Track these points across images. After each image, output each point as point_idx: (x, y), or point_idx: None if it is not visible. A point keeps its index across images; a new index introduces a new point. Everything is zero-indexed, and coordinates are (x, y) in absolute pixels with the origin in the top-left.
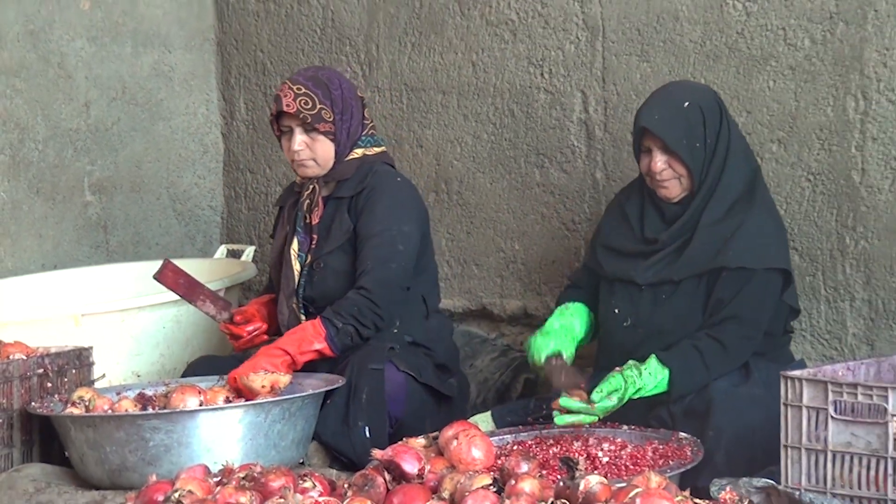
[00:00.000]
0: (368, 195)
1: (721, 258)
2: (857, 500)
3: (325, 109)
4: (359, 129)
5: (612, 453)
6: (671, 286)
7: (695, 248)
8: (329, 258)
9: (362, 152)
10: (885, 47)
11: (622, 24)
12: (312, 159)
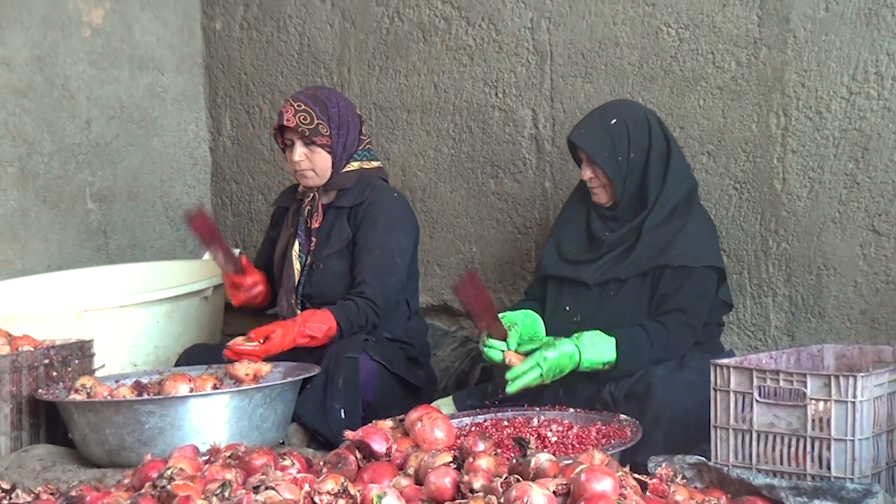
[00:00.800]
0: (368, 208)
1: (664, 257)
2: (780, 474)
3: (323, 124)
4: (355, 143)
5: (560, 433)
6: (618, 284)
7: (640, 250)
8: (328, 261)
9: (359, 165)
10: (803, 69)
11: (568, 50)
12: (312, 170)
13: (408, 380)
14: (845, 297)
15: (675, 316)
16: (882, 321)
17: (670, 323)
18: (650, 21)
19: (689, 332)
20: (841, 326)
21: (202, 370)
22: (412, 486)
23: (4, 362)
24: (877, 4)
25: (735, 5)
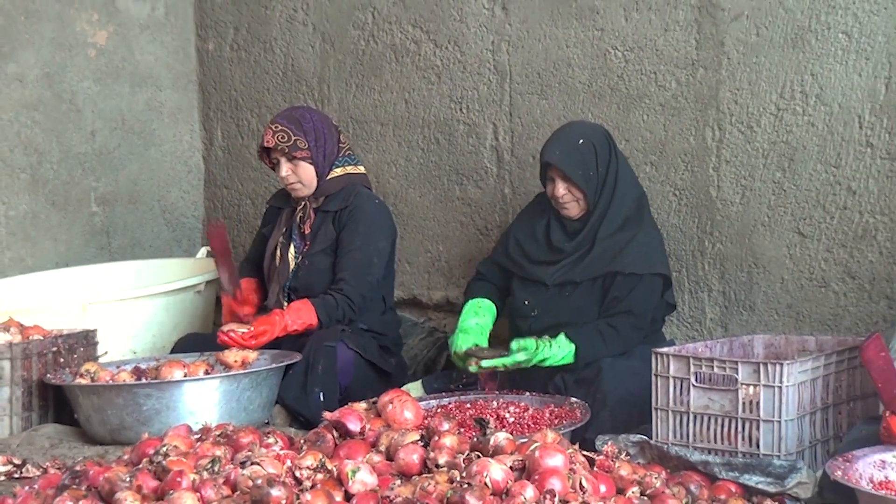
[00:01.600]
0: (351, 213)
1: (615, 264)
2: (713, 452)
3: (300, 139)
4: (335, 151)
5: (517, 415)
6: (573, 286)
7: (594, 256)
8: (313, 258)
9: (343, 170)
10: (736, 88)
11: (525, 70)
12: (299, 182)
13: (381, 366)
14: (773, 292)
15: (625, 318)
16: (806, 314)
17: (620, 325)
18: (599, 44)
19: (637, 333)
20: (769, 319)
21: (195, 357)
22: (383, 462)
23: (16, 350)
24: (802, 30)
25: (675, 30)
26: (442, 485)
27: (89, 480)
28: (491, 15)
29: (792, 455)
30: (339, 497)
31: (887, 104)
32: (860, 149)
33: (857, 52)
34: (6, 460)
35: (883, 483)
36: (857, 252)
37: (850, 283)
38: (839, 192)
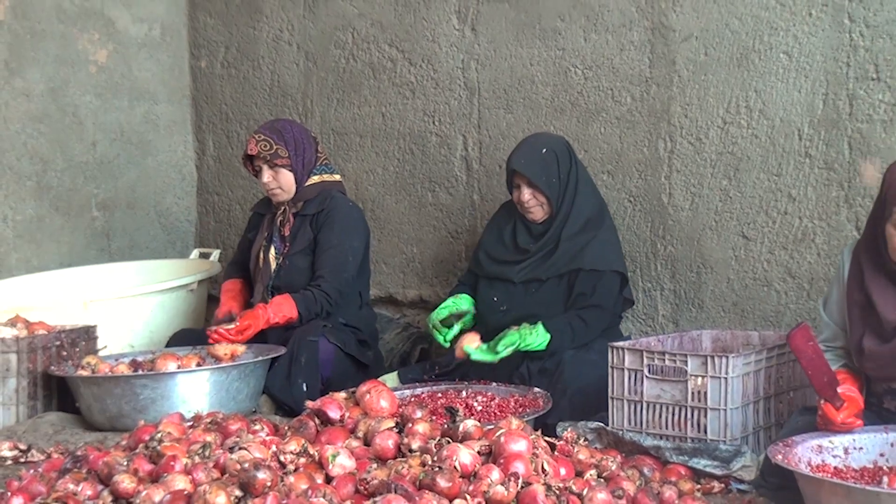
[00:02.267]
0: (327, 216)
1: (578, 262)
2: (665, 437)
3: (281, 148)
4: (313, 160)
5: (485, 403)
6: (538, 283)
7: (558, 256)
8: (293, 258)
9: (320, 178)
10: (686, 104)
11: (493, 86)
12: (279, 187)
13: (359, 359)
14: (720, 291)
15: (594, 311)
16: (750, 311)
17: (590, 318)
18: (560, 63)
19: (602, 323)
20: (716, 315)
21: (188, 350)
22: (361, 447)
23: (22, 344)
24: (747, 50)
25: (630, 50)
26: (415, 468)
27: (89, 464)
28: (461, 35)
29: (737, 441)
30: (320, 479)
31: (824, 118)
32: (800, 159)
33: (797, 70)
34: (13, 445)
35: (820, 466)
36: (797, 254)
37: (791, 282)
38: (780, 199)
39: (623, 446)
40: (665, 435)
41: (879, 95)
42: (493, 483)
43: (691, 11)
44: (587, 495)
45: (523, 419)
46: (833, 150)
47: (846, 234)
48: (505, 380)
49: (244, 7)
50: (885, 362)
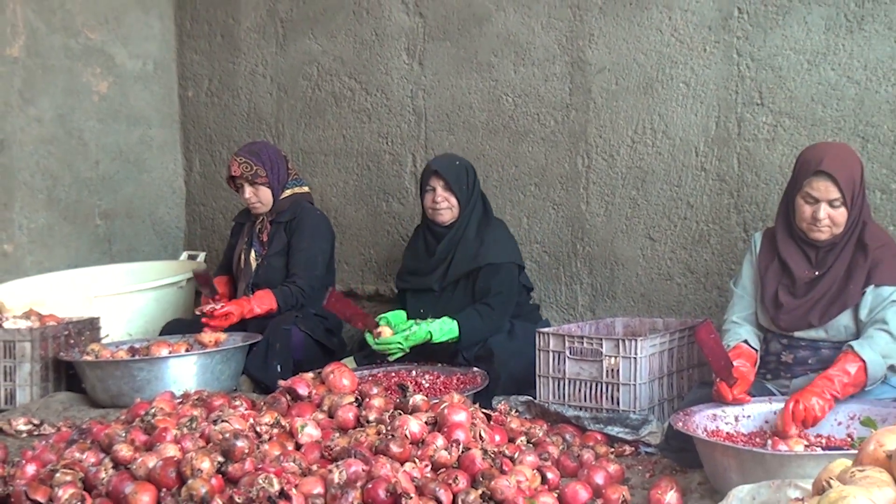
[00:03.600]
0: (298, 222)
1: (478, 260)
2: (584, 408)
3: (260, 168)
4: (285, 176)
5: (431, 381)
6: (452, 287)
7: (459, 259)
8: (270, 260)
9: (292, 191)
10: (600, 126)
11: (437, 112)
12: (259, 202)
13: (325, 344)
14: (630, 284)
15: (497, 298)
16: (656, 301)
17: (494, 303)
18: (494, 92)
19: (506, 307)
20: (627, 305)
21: (178, 338)
22: (326, 419)
23: (35, 333)
24: (651, 80)
25: (553, 80)
26: (371, 436)
27: (93, 436)
28: (410, 69)
29: (644, 411)
30: (290, 447)
31: (717, 138)
32: (696, 172)
33: (693, 97)
34: (27, 421)
35: (714, 432)
36: (695, 252)
37: (690, 276)
38: (680, 206)
39: (548, 416)
40: (584, 406)
41: (763, 118)
42: (438, 448)
43: (604, 48)
44: (518, 458)
45: (464, 394)
46: (724, 165)
47: (736, 236)
48: (449, 363)
49: (225, 45)
50: (797, 313)
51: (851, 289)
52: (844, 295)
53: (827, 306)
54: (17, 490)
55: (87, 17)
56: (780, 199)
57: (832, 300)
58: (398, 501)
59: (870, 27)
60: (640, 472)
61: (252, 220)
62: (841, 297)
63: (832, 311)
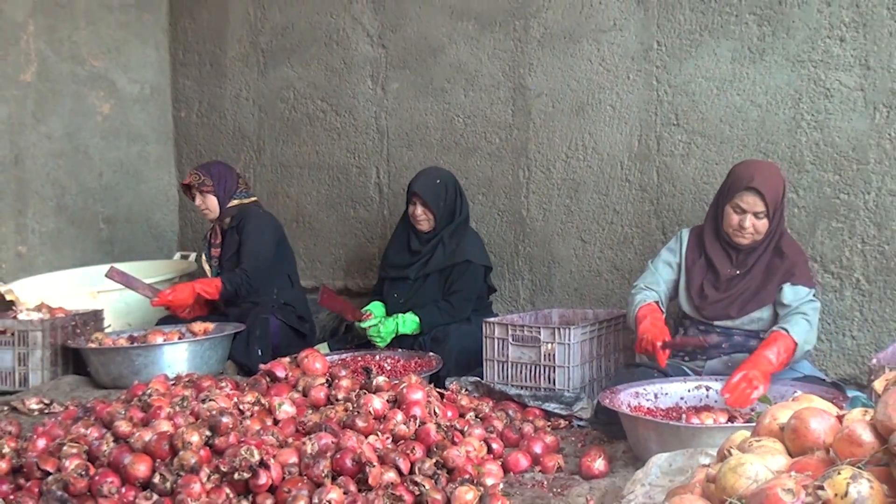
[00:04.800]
0: (245, 223)
1: (452, 259)
2: (524, 388)
3: (207, 179)
4: (233, 188)
5: (393, 364)
6: (424, 278)
7: (438, 255)
8: (225, 262)
9: (239, 201)
10: (539, 143)
11: (398, 131)
12: (206, 208)
13: (299, 329)
14: (565, 280)
15: (457, 295)
16: (587, 295)
17: (454, 301)
18: (447, 113)
19: (466, 304)
20: (562, 298)
21: (172, 328)
22: (300, 398)
23: (46, 324)
24: (582, 104)
25: (498, 104)
26: (340, 412)
27: (96, 413)
28: (374, 93)
29: (577, 389)
30: (269, 422)
31: (639, 154)
32: (621, 183)
33: (619, 118)
34: (39, 400)
35: (636, 407)
36: (620, 253)
37: (616, 273)
38: (608, 212)
39: (494, 395)
40: (524, 386)
41: (678, 136)
42: (397, 423)
43: (542, 75)
44: (467, 431)
45: (421, 376)
46: (645, 177)
47: (655, 238)
48: (408, 348)
49: (213, 72)
50: (719, 305)
51: (769, 288)
52: (761, 294)
53: (745, 302)
54: (29, 461)
55: (91, 48)
56: (693, 206)
57: (750, 297)
58: (363, 469)
59: (770, 58)
60: (572, 443)
61: (209, 229)
62: (758, 296)
63: (750, 306)
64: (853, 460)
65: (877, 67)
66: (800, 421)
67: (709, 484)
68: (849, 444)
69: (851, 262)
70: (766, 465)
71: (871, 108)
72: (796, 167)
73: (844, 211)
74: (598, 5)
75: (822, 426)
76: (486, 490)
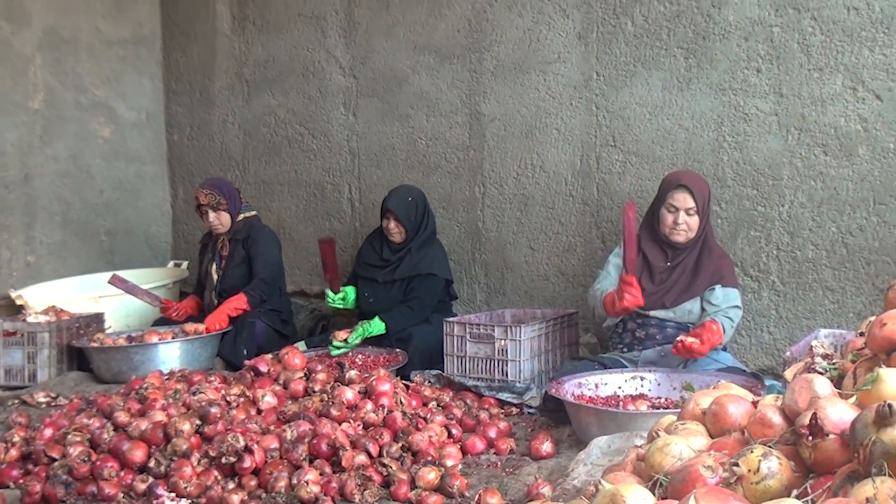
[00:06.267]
0: (254, 237)
1: (417, 269)
2: (480, 379)
3: (222, 198)
4: (239, 204)
5: (364, 360)
6: (391, 283)
7: (405, 265)
8: (231, 270)
9: (244, 215)
10: (493, 162)
11: (368, 152)
12: (220, 224)
13: (281, 331)
14: (516, 284)
15: (417, 301)
16: (536, 296)
17: (414, 306)
18: (411, 136)
19: (426, 309)
20: (514, 299)
21: (166, 329)
22: (281, 390)
23: (52, 326)
24: (531, 128)
25: (456, 128)
26: (316, 403)
27: (98, 405)
28: (347, 119)
29: (527, 380)
30: (253, 412)
31: (581, 171)
32: (566, 198)
33: (563, 140)
34: (46, 394)
35: (579, 396)
36: (565, 259)
37: (562, 278)
38: (554, 224)
39: (454, 386)
40: (480, 378)
41: (615, 156)
42: (367, 411)
43: (495, 103)
44: (430, 418)
45: (388, 369)
46: (587, 192)
47: (596, 246)
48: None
49: (202, 100)
50: (655, 296)
51: (698, 282)
52: (692, 287)
53: (678, 293)
54: (37, 449)
55: (93, 78)
56: None
57: (682, 290)
58: (337, 453)
59: (695, 87)
60: (523, 428)
61: (214, 239)
62: (689, 288)
63: (682, 297)
64: (764, 440)
65: (789, 95)
66: (719, 406)
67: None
68: (761, 427)
69: (768, 267)
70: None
71: (784, 131)
72: (719, 183)
73: (762, 221)
74: (544, 40)
75: (739, 411)
76: (447, 470)
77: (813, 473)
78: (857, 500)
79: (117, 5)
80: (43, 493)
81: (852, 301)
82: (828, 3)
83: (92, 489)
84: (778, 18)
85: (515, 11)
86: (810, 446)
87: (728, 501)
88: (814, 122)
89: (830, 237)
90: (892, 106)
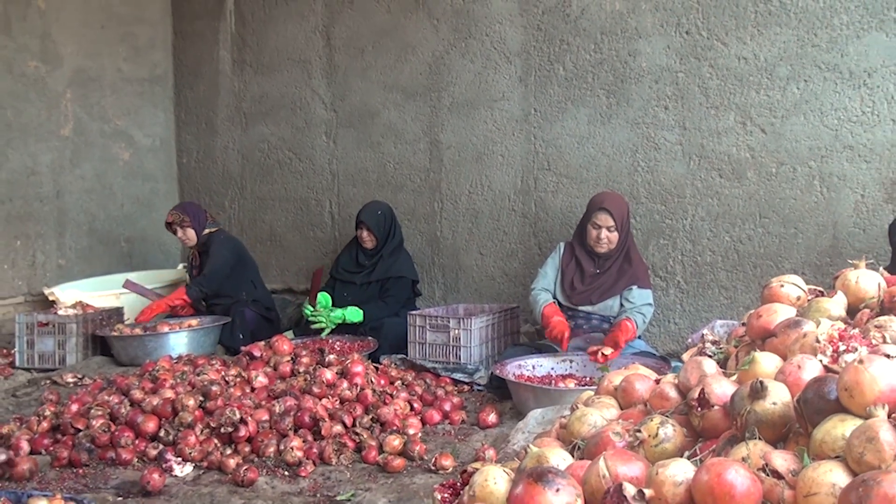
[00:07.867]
0: (209, 247)
1: (389, 272)
2: (438, 362)
3: (185, 217)
4: (204, 222)
5: (341, 346)
6: (368, 284)
7: (379, 269)
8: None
9: (208, 231)
10: (449, 182)
11: (346, 173)
12: (187, 238)
13: (267, 317)
14: (469, 283)
15: (391, 298)
16: (484, 294)
17: (389, 301)
18: (381, 160)
19: (397, 304)
20: (467, 296)
21: (176, 320)
22: (271, 371)
23: (80, 318)
24: (481, 153)
25: (418, 153)
26: (301, 382)
27: (117, 384)
28: (328, 145)
29: (476, 363)
30: (248, 390)
31: (522, 190)
32: (510, 212)
33: (508, 164)
34: (73, 375)
35: (519, 376)
36: (509, 263)
37: (506, 278)
38: (499, 234)
39: (415, 367)
40: (438, 361)
41: (550, 178)
42: (344, 389)
43: (451, 133)
44: (395, 394)
45: (361, 354)
46: (527, 207)
47: (534, 252)
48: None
49: (207, 129)
50: (584, 294)
51: (619, 284)
52: (614, 287)
53: (602, 293)
54: (64, 421)
55: (115, 111)
56: (560, 229)
57: (606, 290)
58: (317, 423)
59: (615, 121)
60: (473, 402)
61: (189, 252)
62: (612, 289)
63: (605, 296)
64: (662, 411)
65: (691, 128)
66: (627, 383)
67: (562, 430)
68: (660, 400)
69: (674, 269)
70: (603, 415)
71: (687, 158)
72: (634, 200)
73: (669, 232)
74: (492, 82)
75: (643, 387)
76: (409, 438)
77: (701, 438)
78: (735, 458)
79: (136, 50)
80: (69, 458)
81: (742, 297)
82: (722, 53)
83: (111, 455)
84: (682, 66)
85: (468, 58)
86: (699, 416)
87: (631, 461)
88: (711, 151)
89: (725, 245)
90: (774, 138)
